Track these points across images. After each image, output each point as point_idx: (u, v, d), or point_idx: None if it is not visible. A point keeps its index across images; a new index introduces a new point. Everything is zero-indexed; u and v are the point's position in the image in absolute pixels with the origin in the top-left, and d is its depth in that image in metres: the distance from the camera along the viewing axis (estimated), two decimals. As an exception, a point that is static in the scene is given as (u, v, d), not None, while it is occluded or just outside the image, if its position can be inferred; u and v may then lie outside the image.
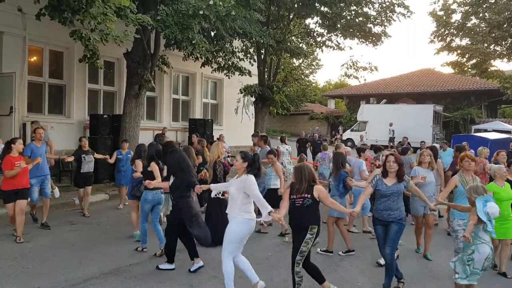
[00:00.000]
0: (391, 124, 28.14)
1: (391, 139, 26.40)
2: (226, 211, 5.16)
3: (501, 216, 5.95)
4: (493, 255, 4.88)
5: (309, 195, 4.87)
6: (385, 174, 5.50)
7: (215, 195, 5.91)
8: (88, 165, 9.42)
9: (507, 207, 6.19)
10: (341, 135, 34.12)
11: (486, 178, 8.16)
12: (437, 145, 12.32)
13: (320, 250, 7.07)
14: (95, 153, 9.80)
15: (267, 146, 9.77)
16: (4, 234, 7.65)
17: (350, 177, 7.09)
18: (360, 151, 9.37)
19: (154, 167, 6.63)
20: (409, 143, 16.26)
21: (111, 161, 10.08)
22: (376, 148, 10.93)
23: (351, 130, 31.73)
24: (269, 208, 4.87)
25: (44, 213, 8.32)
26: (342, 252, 7.05)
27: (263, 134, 11.28)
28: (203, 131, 16.35)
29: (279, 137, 14.75)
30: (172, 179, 6.08)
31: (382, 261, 6.21)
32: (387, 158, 5.56)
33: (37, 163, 7.77)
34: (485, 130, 23.91)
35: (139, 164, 7.09)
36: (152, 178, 6.49)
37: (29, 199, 7.92)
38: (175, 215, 5.96)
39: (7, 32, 11.53)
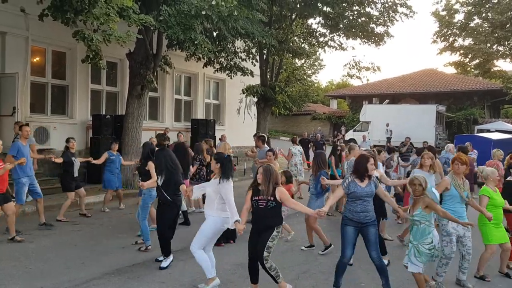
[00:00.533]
0: (387, 125, 28.17)
1: (388, 139, 26.32)
2: (203, 209, 5.38)
3: (498, 220, 5.99)
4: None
5: (272, 198, 4.93)
6: (362, 176, 5.29)
7: (197, 197, 5.96)
8: (77, 169, 9.07)
9: (501, 211, 6.09)
10: (343, 135, 34.09)
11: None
12: (451, 145, 12.24)
13: (321, 251, 7.11)
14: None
15: (266, 146, 9.83)
16: (7, 235, 7.66)
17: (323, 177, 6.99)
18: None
19: (151, 166, 6.68)
20: (411, 144, 16.22)
21: (99, 161, 9.77)
22: (389, 149, 10.90)
23: (354, 131, 31.68)
24: (236, 217, 5.02)
25: (41, 213, 8.30)
26: (321, 251, 7.09)
27: (261, 134, 11.30)
28: (205, 131, 16.35)
29: (290, 138, 14.68)
30: (162, 177, 6.18)
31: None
32: (369, 160, 5.37)
33: (21, 163, 7.58)
34: (488, 131, 23.86)
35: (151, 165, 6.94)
36: (149, 176, 6.63)
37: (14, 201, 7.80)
38: (172, 211, 6.15)
39: (10, 32, 11.55)
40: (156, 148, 6.75)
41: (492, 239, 5.94)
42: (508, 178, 7.00)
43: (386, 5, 19.34)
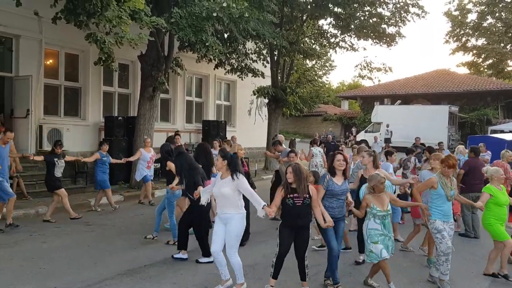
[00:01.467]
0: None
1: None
2: (217, 211, 5.40)
3: (502, 220, 6.06)
4: None
5: (308, 195, 5.11)
6: (333, 173, 5.66)
7: (208, 200, 5.96)
8: (59, 170, 8.98)
9: (505, 210, 6.12)
10: (354, 136, 33.95)
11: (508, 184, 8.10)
12: (461, 146, 12.14)
13: (316, 247, 7.31)
14: (66, 156, 9.45)
15: (285, 147, 10.23)
16: (20, 235, 7.77)
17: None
18: (387, 154, 9.24)
19: (170, 165, 7.04)
20: (423, 144, 16.07)
21: (90, 160, 10.02)
22: (408, 150, 10.79)
23: (365, 131, 31.53)
24: (263, 203, 5.10)
25: (10, 214, 8.20)
26: (316, 247, 7.27)
27: (275, 140, 11.44)
28: (217, 132, 16.38)
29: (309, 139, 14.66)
30: (185, 181, 6.57)
31: (361, 258, 6.64)
32: (336, 157, 5.69)
33: None
34: (502, 131, 23.55)
35: (171, 165, 7.14)
36: (173, 176, 6.97)
37: None
38: (198, 210, 6.33)
39: (24, 35, 11.70)
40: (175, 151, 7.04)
41: (505, 235, 6.03)
42: None
43: (398, 5, 19.20)
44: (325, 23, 20.58)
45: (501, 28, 26.57)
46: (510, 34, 25.76)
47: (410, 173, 10.22)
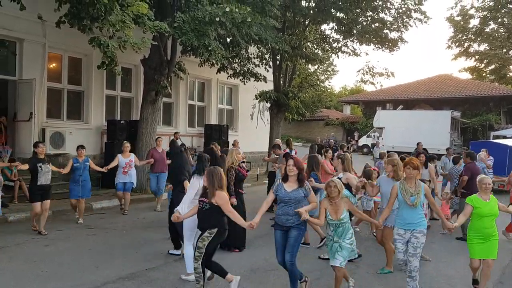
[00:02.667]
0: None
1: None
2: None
3: (481, 234, 5.50)
4: None
5: (207, 200, 5.05)
6: (285, 178, 5.31)
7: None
8: (45, 177, 8.08)
9: (490, 223, 5.52)
10: (356, 141, 33.94)
11: None
12: (483, 153, 12.04)
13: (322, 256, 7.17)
14: (50, 164, 8.44)
15: (282, 151, 10.24)
16: (23, 238, 7.79)
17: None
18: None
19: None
20: (425, 149, 16.04)
21: (66, 171, 8.85)
22: (429, 158, 10.47)
23: (367, 136, 31.51)
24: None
25: None
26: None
27: (274, 143, 11.61)
28: (219, 136, 16.42)
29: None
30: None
31: (325, 256, 6.73)
32: (287, 162, 5.37)
33: None
34: (504, 137, 23.51)
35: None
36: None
37: None
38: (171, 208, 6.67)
39: (28, 39, 11.77)
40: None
41: (473, 253, 5.60)
42: None
43: (400, 10, 19.22)
44: (327, 28, 20.62)
45: (503, 33, 26.57)
46: (512, 40, 25.85)
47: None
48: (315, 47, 21.25)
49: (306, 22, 18.95)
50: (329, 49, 21.30)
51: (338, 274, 5.31)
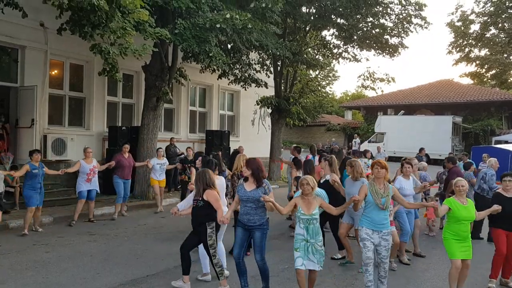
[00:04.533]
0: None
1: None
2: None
3: (460, 236, 5.54)
4: None
5: (201, 198, 5.51)
6: (246, 178, 5.52)
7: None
8: (1, 183, 7.79)
9: (467, 227, 5.62)
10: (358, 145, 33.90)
11: None
12: (494, 159, 11.94)
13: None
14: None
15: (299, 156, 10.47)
16: (24, 244, 7.79)
17: None
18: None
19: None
20: (427, 155, 16.05)
21: (18, 174, 8.53)
22: (466, 165, 10.56)
23: (369, 142, 31.50)
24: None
25: None
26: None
27: (297, 145, 11.74)
28: (220, 142, 16.42)
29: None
30: None
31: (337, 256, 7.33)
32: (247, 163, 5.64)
33: None
34: (506, 142, 23.48)
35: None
36: None
37: None
38: None
39: (30, 46, 11.82)
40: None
41: (454, 253, 5.57)
42: (497, 190, 6.64)
43: (401, 16, 19.29)
44: (328, 34, 20.69)
45: (504, 38, 26.60)
46: (513, 45, 25.87)
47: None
48: (316, 53, 21.30)
49: (307, 28, 19.02)
50: (330, 55, 21.36)
51: (299, 277, 5.23)
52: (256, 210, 5.35)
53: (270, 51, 14.49)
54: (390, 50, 20.35)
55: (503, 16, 26.73)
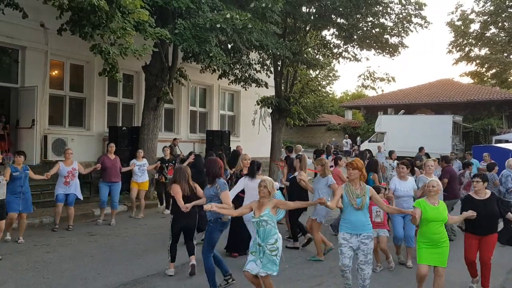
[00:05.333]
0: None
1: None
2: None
3: (430, 240, 5.31)
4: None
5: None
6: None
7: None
8: (2, 190, 7.28)
9: (437, 229, 5.32)
10: (358, 145, 33.90)
11: None
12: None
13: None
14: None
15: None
16: (25, 245, 7.79)
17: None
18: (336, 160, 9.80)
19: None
20: (427, 154, 16.04)
21: (5, 178, 7.48)
22: (464, 164, 10.64)
23: (369, 141, 31.49)
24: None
25: None
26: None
27: (288, 145, 11.89)
28: (220, 142, 16.43)
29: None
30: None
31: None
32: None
33: None
34: (506, 141, 23.46)
35: None
36: None
37: None
38: None
39: (30, 47, 11.83)
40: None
41: (421, 258, 5.36)
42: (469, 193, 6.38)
43: (401, 16, 19.26)
44: (328, 33, 20.64)
45: (504, 38, 26.59)
46: (513, 44, 25.85)
47: (463, 189, 9.79)
48: (316, 52, 21.28)
49: (307, 28, 18.99)
50: (330, 55, 21.34)
51: (266, 283, 5.03)
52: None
53: (270, 51, 14.48)
54: (390, 49, 20.31)
55: (503, 15, 26.71)
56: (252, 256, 5.07)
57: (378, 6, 18.02)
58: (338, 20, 18.06)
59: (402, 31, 19.67)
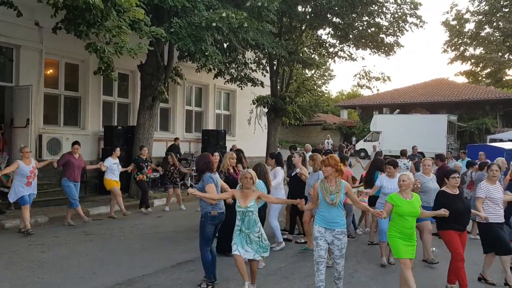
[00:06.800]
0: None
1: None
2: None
3: (405, 234, 5.29)
4: None
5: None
6: None
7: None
8: None
9: (411, 224, 5.31)
10: (353, 145, 34.00)
11: None
12: (502, 159, 11.83)
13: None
14: None
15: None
16: (20, 245, 7.75)
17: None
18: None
19: None
20: (420, 153, 16.08)
21: None
22: (468, 163, 10.36)
23: (364, 140, 31.58)
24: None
25: None
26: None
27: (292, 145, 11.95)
28: (216, 142, 16.41)
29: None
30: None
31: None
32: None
33: None
34: (501, 140, 23.59)
35: None
36: None
37: None
38: None
39: (25, 45, 11.77)
40: None
41: (400, 252, 5.30)
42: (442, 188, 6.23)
43: (396, 15, 19.33)
44: (323, 33, 20.74)
45: (499, 37, 26.71)
46: (508, 43, 25.88)
47: (466, 188, 9.68)
48: (312, 52, 21.32)
49: (303, 27, 19.03)
50: (326, 54, 21.38)
51: (238, 263, 5.41)
52: (201, 200, 5.79)
53: (266, 50, 14.49)
54: (386, 49, 20.41)
55: (498, 15, 26.83)
56: (236, 238, 5.48)
57: (373, 6, 18.09)
58: (334, 19, 18.13)
59: (398, 31, 19.78)
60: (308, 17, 17.93)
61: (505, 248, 6.06)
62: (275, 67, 18.50)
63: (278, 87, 18.97)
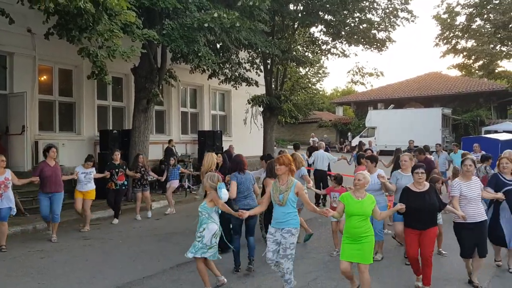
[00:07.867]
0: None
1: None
2: None
3: (350, 234, 5.09)
4: (220, 232, 5.56)
5: None
6: None
7: None
8: None
9: (358, 223, 5.05)
10: (350, 141, 34.09)
11: None
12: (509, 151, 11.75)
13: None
14: None
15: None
16: (19, 251, 7.75)
17: None
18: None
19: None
20: (416, 147, 16.10)
21: None
22: (482, 157, 9.95)
23: (360, 136, 31.68)
24: None
25: None
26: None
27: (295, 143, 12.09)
28: (213, 142, 16.41)
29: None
30: None
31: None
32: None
33: None
34: (496, 132, 23.73)
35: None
36: None
37: None
38: None
39: (18, 52, 11.76)
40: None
41: (342, 253, 5.17)
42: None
43: (387, 10, 19.38)
44: (316, 30, 20.75)
45: (490, 29, 26.76)
46: (499, 35, 25.95)
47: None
48: (305, 50, 21.36)
49: (295, 26, 19.05)
50: (319, 52, 21.42)
51: (199, 267, 5.52)
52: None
53: (259, 49, 14.52)
54: (378, 44, 20.44)
55: (488, 7, 26.86)
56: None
57: (364, 2, 18.15)
58: (326, 16, 18.16)
59: (389, 26, 19.80)
60: (300, 15, 17.96)
61: (466, 251, 5.85)
62: (269, 66, 18.52)
63: (273, 86, 18.99)
